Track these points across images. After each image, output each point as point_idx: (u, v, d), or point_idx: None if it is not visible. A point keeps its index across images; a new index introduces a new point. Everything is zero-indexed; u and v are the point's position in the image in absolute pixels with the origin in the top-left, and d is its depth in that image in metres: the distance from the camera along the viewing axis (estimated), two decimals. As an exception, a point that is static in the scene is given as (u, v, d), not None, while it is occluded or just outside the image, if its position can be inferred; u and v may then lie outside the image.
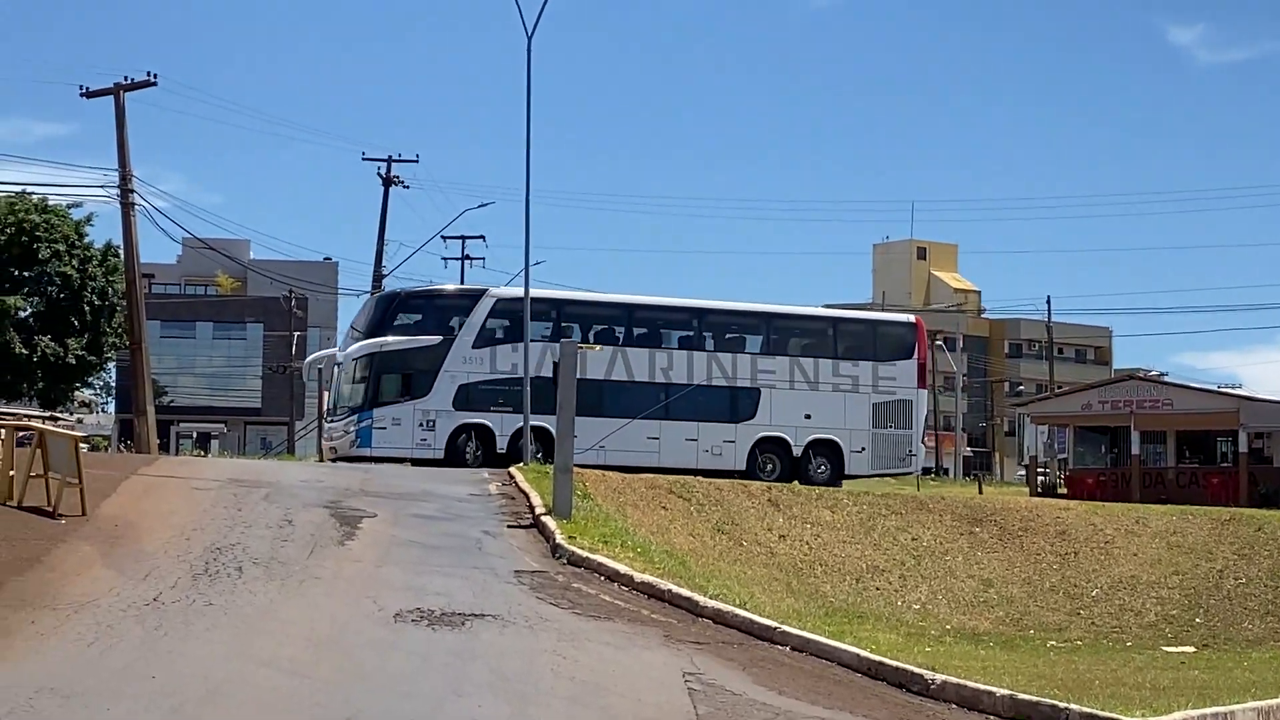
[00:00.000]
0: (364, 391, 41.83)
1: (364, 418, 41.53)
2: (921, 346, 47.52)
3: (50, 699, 12.42)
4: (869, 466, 45.71)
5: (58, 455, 21.71)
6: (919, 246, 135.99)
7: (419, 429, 41.71)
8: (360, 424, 41.52)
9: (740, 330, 46.45)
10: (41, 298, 60.96)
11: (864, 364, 45.96)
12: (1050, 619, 30.45)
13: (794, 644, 17.54)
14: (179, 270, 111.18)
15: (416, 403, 41.82)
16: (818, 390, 45.17)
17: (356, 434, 41.50)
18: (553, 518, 23.93)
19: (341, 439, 41.85)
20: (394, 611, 16.95)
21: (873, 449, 45.29)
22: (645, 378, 43.82)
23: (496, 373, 42.45)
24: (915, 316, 50.70)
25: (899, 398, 45.97)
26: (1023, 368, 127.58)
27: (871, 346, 47.05)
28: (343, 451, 41.76)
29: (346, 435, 41.62)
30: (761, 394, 44.62)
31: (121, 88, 49.63)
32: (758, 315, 46.94)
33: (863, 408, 45.32)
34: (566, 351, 26.01)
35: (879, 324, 49.52)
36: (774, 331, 46.42)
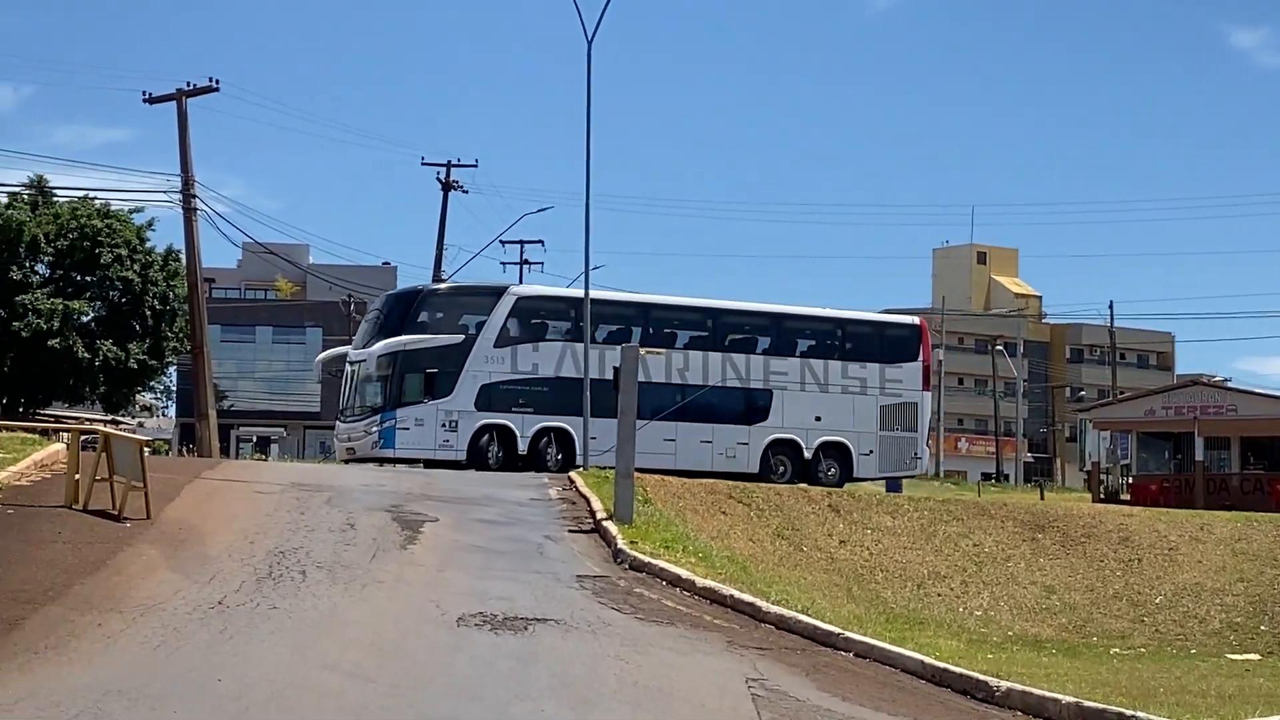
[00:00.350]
0: (386, 391, 40.95)
1: (387, 417, 40.70)
2: (925, 348, 47.48)
3: (118, 701, 12.49)
4: (876, 469, 45.81)
5: (123, 459, 21.82)
6: (979, 251, 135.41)
7: (441, 429, 40.99)
8: (383, 424, 40.68)
9: (752, 331, 46.10)
10: (104, 302, 61.23)
11: (871, 366, 45.84)
12: (1113, 626, 30.25)
13: (857, 650, 17.49)
14: (239, 275, 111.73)
15: (439, 403, 40.99)
16: (827, 392, 45.04)
17: (380, 434, 40.62)
18: (614, 523, 23.92)
19: (362, 439, 40.96)
20: (457, 615, 16.96)
21: (880, 451, 45.34)
22: (662, 378, 43.19)
23: (517, 372, 41.86)
24: (919, 318, 50.42)
25: (905, 400, 45.97)
26: (1084, 373, 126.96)
27: (878, 348, 46.82)
28: (363, 452, 41.00)
29: (368, 436, 40.74)
30: (774, 395, 44.41)
31: (184, 93, 49.99)
32: (769, 316, 46.61)
33: (870, 410, 45.30)
34: (628, 356, 26.03)
35: (885, 325, 49.16)
36: (785, 332, 46.13)
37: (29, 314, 57.18)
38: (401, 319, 41.80)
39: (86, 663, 13.82)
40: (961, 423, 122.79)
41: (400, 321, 41.67)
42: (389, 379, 40.86)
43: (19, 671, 13.39)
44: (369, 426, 40.70)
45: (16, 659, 13.79)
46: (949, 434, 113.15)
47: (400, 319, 41.83)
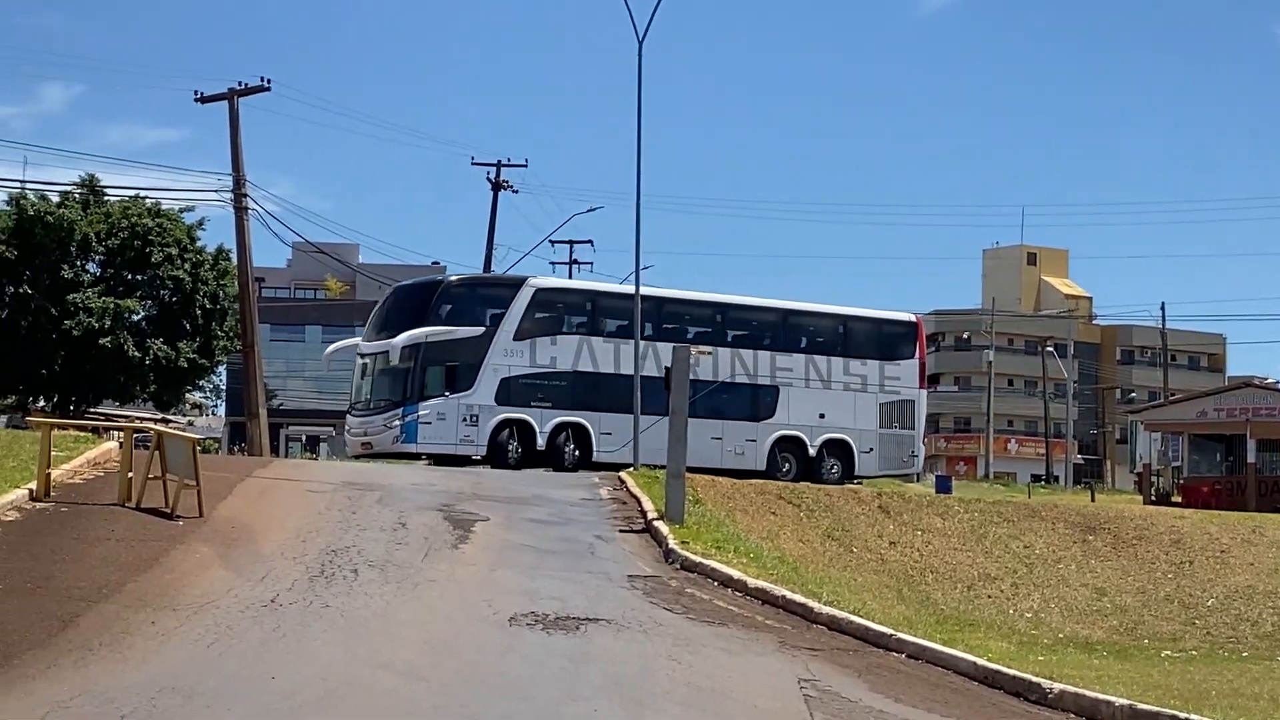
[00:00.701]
0: (408, 384, 40.03)
1: (409, 411, 39.74)
2: (921, 346, 47.39)
3: (172, 698, 12.53)
4: (876, 467, 45.55)
5: (176, 458, 21.91)
6: (1029, 252, 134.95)
7: (462, 424, 40.14)
8: (405, 418, 39.67)
9: (759, 326, 45.76)
10: (154, 301, 61.53)
11: (871, 363, 45.72)
12: (1164, 628, 30.10)
13: (909, 651, 17.44)
14: (289, 274, 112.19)
15: (460, 397, 40.20)
16: (830, 389, 44.91)
17: (401, 428, 39.66)
18: (665, 523, 23.90)
19: (381, 433, 39.98)
20: (509, 615, 16.97)
21: (879, 449, 45.25)
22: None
23: (536, 366, 41.25)
24: (915, 315, 49.96)
25: (903, 398, 45.94)
26: (1135, 374, 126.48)
27: (877, 345, 46.59)
28: (381, 446, 40.17)
29: (388, 430, 39.79)
30: (780, 392, 44.19)
31: (235, 93, 50.22)
32: (774, 311, 46.35)
33: (870, 407, 45.24)
34: (679, 356, 25.98)
35: (883, 322, 48.44)
36: (790, 328, 45.88)
37: (80, 313, 57.50)
38: (422, 311, 40.96)
39: (140, 660, 13.88)
40: (1011, 424, 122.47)
41: (421, 313, 40.86)
42: (410, 372, 40.05)
43: (74, 668, 13.45)
44: (388, 420, 39.92)
45: (71, 655, 13.85)
46: (998, 435, 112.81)
47: (421, 311, 41.01)
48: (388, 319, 41.81)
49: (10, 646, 14.00)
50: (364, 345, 42.10)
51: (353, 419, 41.87)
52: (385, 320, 41.89)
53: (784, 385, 44.32)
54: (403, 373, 40.11)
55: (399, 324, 40.72)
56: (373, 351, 41.33)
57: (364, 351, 41.93)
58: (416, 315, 40.81)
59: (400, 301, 42.81)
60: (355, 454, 41.64)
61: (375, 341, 41.28)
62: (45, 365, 59.12)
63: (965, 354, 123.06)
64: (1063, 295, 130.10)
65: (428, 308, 40.99)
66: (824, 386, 44.86)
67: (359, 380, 42.38)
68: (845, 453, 44.62)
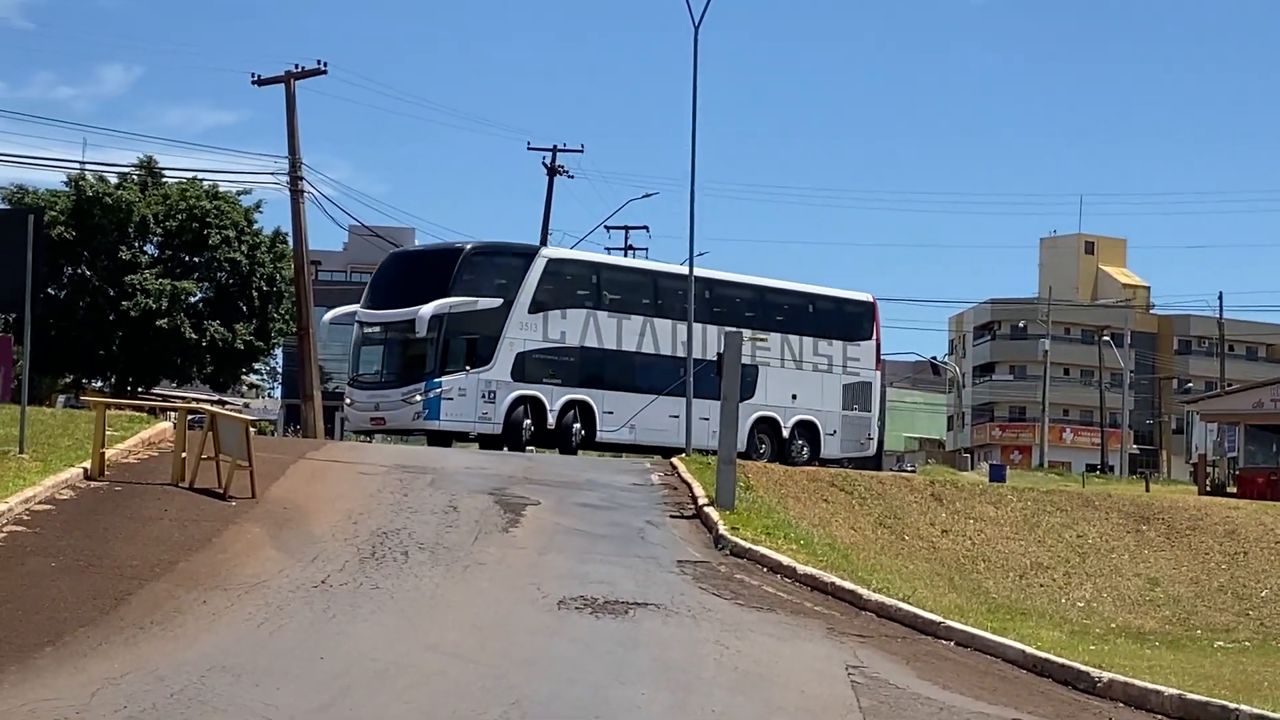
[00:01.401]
0: (432, 357, 38.27)
1: (432, 386, 38.06)
2: (877, 327, 46.96)
3: (221, 677, 12.62)
4: (839, 449, 44.80)
5: (229, 438, 22.02)
6: (1087, 241, 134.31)
7: (481, 401, 38.66)
8: (428, 393, 37.98)
9: (741, 304, 44.75)
10: (211, 283, 61.89)
11: (836, 343, 45.19)
12: (1218, 619, 29.93)
13: (958, 639, 17.42)
14: (345, 258, 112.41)
15: (480, 372, 38.75)
16: (800, 369, 44.35)
17: (424, 405, 37.97)
18: (715, 508, 23.89)
19: (399, 409, 38.34)
20: (557, 599, 17.02)
21: (841, 431, 44.66)
22: (669, 351, 41.97)
23: (548, 340, 40.15)
24: (870, 295, 48.88)
25: (862, 379, 45.68)
26: (1192, 365, 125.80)
27: (840, 325, 45.97)
28: (399, 423, 38.96)
29: (408, 405, 38.11)
30: (759, 372, 43.31)
31: (292, 76, 50.35)
32: (753, 289, 45.45)
33: (835, 389, 44.75)
34: (731, 342, 25.96)
35: (844, 301, 47.55)
36: (767, 306, 45.12)
37: (138, 294, 57.92)
38: (445, 279, 39.09)
39: (191, 638, 13.97)
40: (1067, 413, 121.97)
41: (444, 282, 38.97)
42: (434, 344, 38.36)
43: (125, 645, 13.55)
44: (408, 395, 38.21)
45: (123, 633, 13.97)
46: (1054, 425, 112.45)
47: (444, 279, 39.11)
48: (404, 287, 39.80)
49: (63, 624, 14.12)
50: (375, 314, 39.99)
51: (358, 392, 39.94)
52: (399, 288, 39.85)
53: (762, 365, 43.55)
54: (426, 344, 38.52)
55: (418, 293, 38.89)
56: (388, 321, 39.46)
57: (376, 320, 39.93)
58: (439, 284, 39.04)
59: (417, 269, 41.27)
60: (359, 429, 40.56)
61: (390, 310, 39.32)
62: (103, 346, 59.59)
63: (1021, 343, 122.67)
64: (1120, 284, 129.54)
65: (451, 276, 39.25)
66: (796, 367, 44.33)
67: (365, 351, 40.73)
68: (813, 434, 44.12)
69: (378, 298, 40.29)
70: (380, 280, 41.37)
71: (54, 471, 21.10)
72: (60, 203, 58.93)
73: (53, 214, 57.04)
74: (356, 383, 40.41)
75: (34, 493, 19.52)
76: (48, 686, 12.04)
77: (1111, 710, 15.09)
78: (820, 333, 45.09)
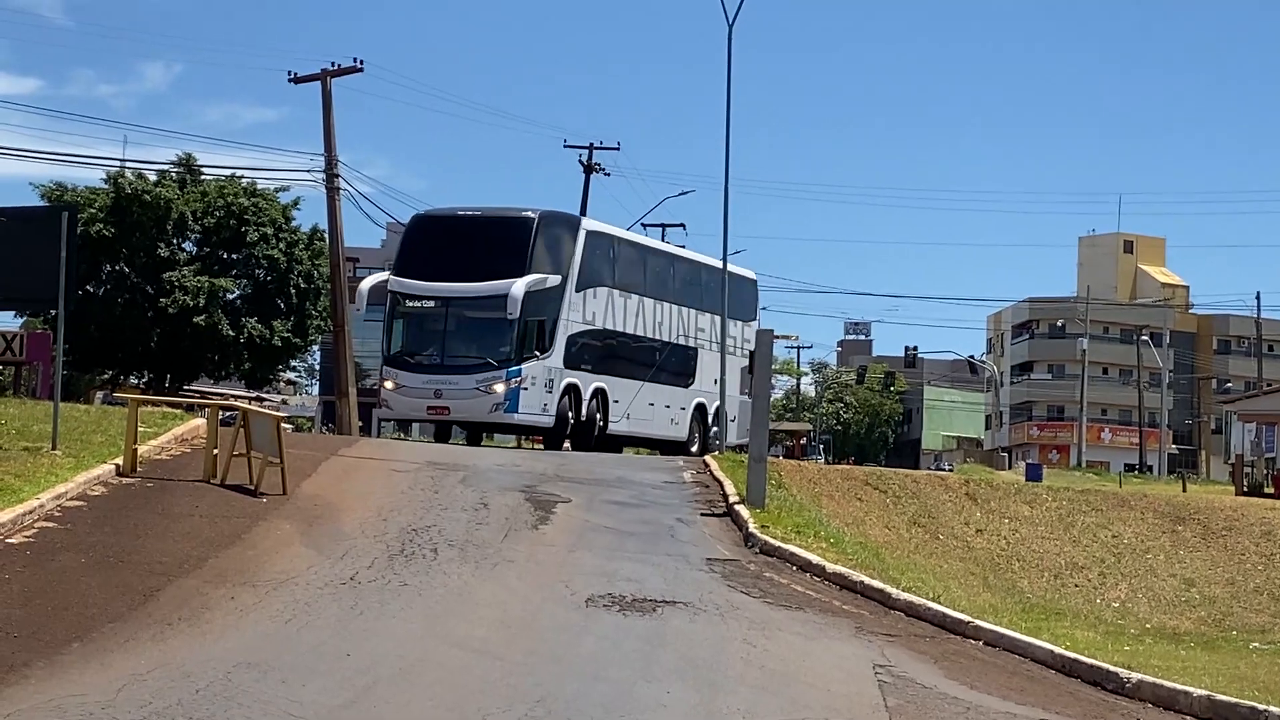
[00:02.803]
0: (514, 341, 34.73)
1: (513, 374, 34.66)
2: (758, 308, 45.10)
3: (248, 673, 12.64)
4: (736, 435, 41.02)
5: (260, 435, 22.06)
6: (1126, 240, 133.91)
7: (544, 391, 35.48)
8: (510, 382, 34.54)
9: (691, 282, 42.76)
10: (249, 280, 62.16)
11: (739, 323, 42.74)
12: (1254, 620, 29.80)
13: (987, 639, 17.35)
14: (382, 255, 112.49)
15: (545, 359, 35.52)
16: (714, 351, 41.57)
17: (506, 396, 34.55)
18: (746, 506, 23.83)
19: (474, 398, 34.71)
20: (585, 596, 17.00)
21: (739, 417, 40.57)
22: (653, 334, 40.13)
23: (585, 322, 37.25)
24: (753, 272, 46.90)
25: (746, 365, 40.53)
26: (1231, 364, 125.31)
27: (743, 304, 43.93)
28: (470, 414, 35.23)
29: (484, 396, 34.57)
30: (698, 355, 41.61)
31: (329, 74, 50.41)
32: (695, 266, 43.46)
33: (737, 371, 40.93)
34: (762, 340, 25.94)
35: (744, 280, 45.32)
36: (703, 285, 42.73)
37: (176, 290, 58.22)
38: (521, 251, 35.46)
39: (218, 635, 14.00)
40: (1105, 413, 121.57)
41: (523, 254, 35.37)
42: (517, 325, 34.75)
43: (153, 641, 13.59)
44: (486, 383, 34.68)
45: (151, 629, 14.00)
46: (1092, 424, 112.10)
47: (519, 251, 35.47)
48: (467, 256, 35.97)
49: (91, 619, 14.17)
50: (438, 287, 35.75)
51: (409, 375, 35.63)
52: (462, 257, 35.99)
53: (700, 346, 41.79)
54: (508, 326, 34.82)
55: (487, 264, 35.37)
56: (459, 296, 35.45)
57: (437, 294, 35.74)
58: (514, 256, 35.41)
59: (481, 236, 36.52)
60: (407, 418, 37.36)
61: (461, 284, 35.43)
62: (141, 342, 59.92)
63: (1060, 342, 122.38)
64: (1159, 284, 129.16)
65: (529, 248, 35.63)
66: (716, 348, 41.51)
67: (415, 326, 36.48)
68: (722, 420, 41.25)
69: (427, 266, 36.13)
70: (426, 245, 36.98)
71: (86, 468, 21.17)
72: (99, 200, 59.25)
73: (91, 211, 57.41)
74: (405, 363, 36.04)
75: (65, 489, 19.58)
76: (74, 683, 12.07)
77: (1140, 711, 15.03)
78: (734, 312, 41.94)
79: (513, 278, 34.71)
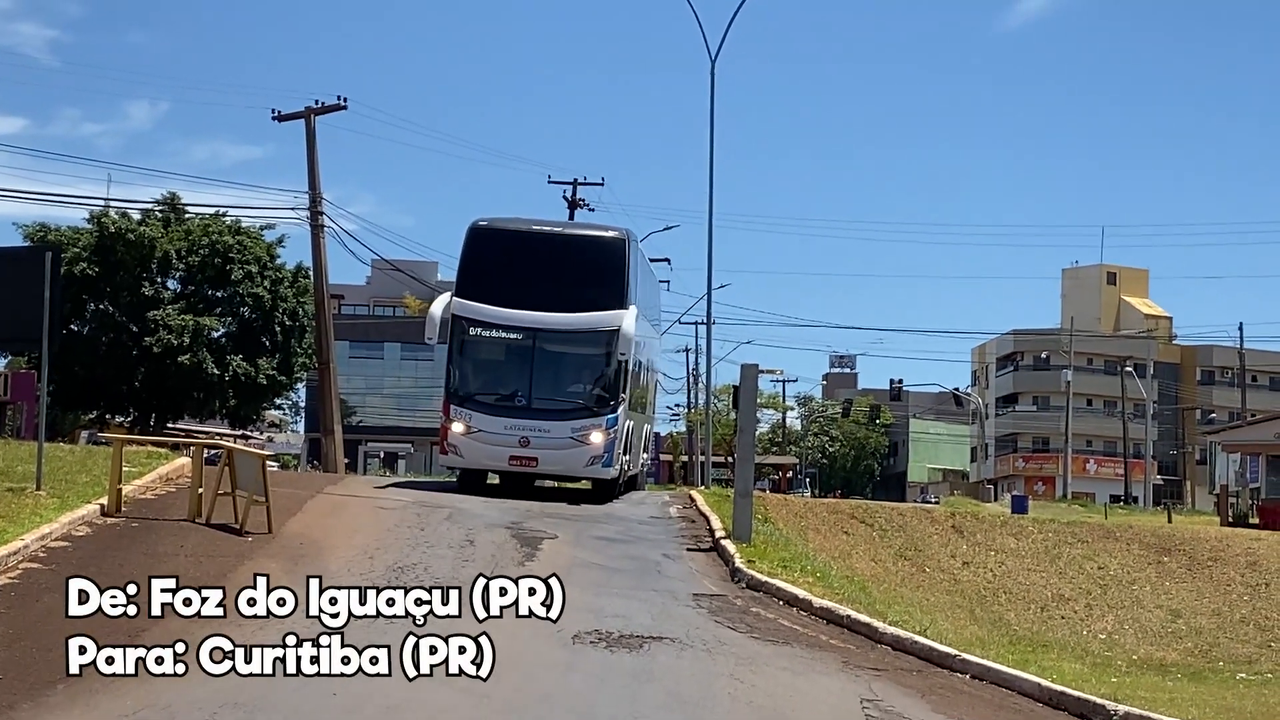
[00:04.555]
0: (617, 382, 30.13)
1: (611, 423, 30.00)
2: None
3: (233, 713, 12.63)
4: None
5: (245, 474, 22.02)
6: (1109, 271, 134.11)
7: (621, 440, 30.76)
8: (608, 432, 29.85)
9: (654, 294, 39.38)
10: (234, 318, 62.05)
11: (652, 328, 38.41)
12: (1240, 651, 29.84)
13: (974, 672, 17.34)
14: (368, 292, 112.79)
15: (625, 402, 30.84)
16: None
17: (605, 448, 29.82)
18: (732, 541, 23.84)
19: (569, 450, 29.70)
20: (572, 633, 16.95)
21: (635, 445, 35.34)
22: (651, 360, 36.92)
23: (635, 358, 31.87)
24: None
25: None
26: (1215, 395, 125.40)
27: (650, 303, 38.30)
28: (561, 467, 30.20)
29: (581, 447, 29.69)
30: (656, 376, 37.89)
31: (313, 111, 50.42)
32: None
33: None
34: (747, 375, 25.94)
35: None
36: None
37: (160, 329, 58.04)
38: (619, 278, 30.64)
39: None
40: (1090, 444, 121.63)
41: (619, 281, 30.61)
42: (614, 364, 30.10)
43: (138, 682, 13.51)
44: (582, 432, 29.76)
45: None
46: (1077, 455, 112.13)
47: (617, 278, 30.65)
48: (558, 280, 30.73)
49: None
50: (529, 317, 30.12)
51: (487, 419, 29.91)
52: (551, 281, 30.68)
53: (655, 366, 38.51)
54: (610, 364, 30.19)
55: (582, 291, 30.54)
56: (555, 328, 30.20)
57: (529, 325, 30.21)
58: (613, 284, 30.66)
59: (569, 258, 31.22)
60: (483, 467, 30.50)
61: (555, 315, 30.11)
62: (126, 381, 59.75)
63: (1044, 374, 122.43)
64: (1142, 315, 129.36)
65: (626, 274, 30.74)
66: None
67: (494, 357, 31.02)
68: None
69: (505, 288, 30.50)
70: (500, 264, 31.11)
71: (71, 508, 21.12)
72: (83, 239, 59.14)
73: (76, 251, 57.33)
74: (481, 404, 30.32)
75: (50, 529, 19.54)
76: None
77: (1127, 743, 15.04)
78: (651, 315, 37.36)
79: (610, 309, 30.21)
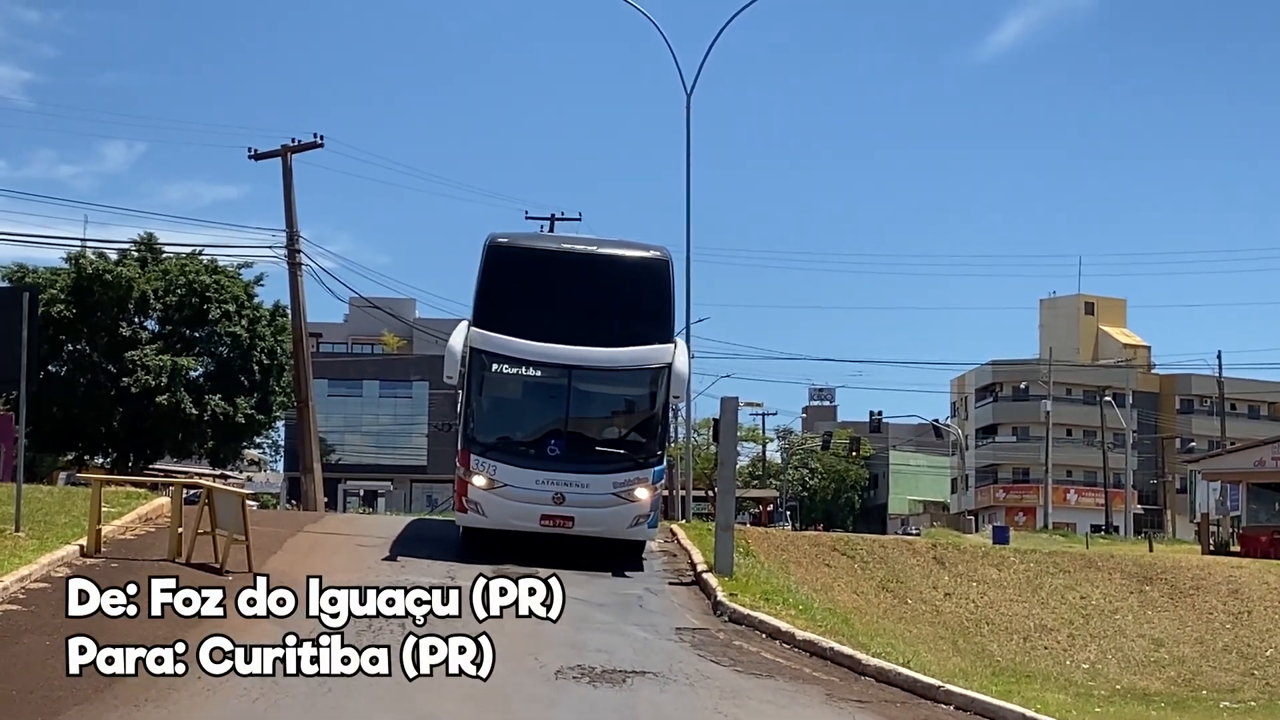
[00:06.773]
0: (660, 429, 26.28)
1: (659, 476, 26.10)
2: None
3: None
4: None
5: (225, 513, 21.96)
6: (1087, 301, 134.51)
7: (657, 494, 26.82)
8: (655, 487, 25.92)
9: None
10: (212, 358, 61.93)
11: None
12: (1223, 679, 29.84)
13: (958, 703, 17.33)
14: (346, 329, 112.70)
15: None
16: None
17: (651, 506, 25.80)
18: (714, 575, 23.82)
19: (612, 508, 25.40)
20: (555, 668, 16.94)
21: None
22: None
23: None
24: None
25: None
26: (1194, 424, 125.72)
27: None
28: (600, 527, 25.60)
29: (626, 505, 25.48)
30: None
31: (289, 149, 50.40)
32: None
33: None
34: (727, 408, 25.91)
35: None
36: None
37: (138, 370, 57.91)
38: (662, 308, 26.59)
39: (185, 715, 13.90)
40: (1070, 474, 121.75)
41: (662, 311, 26.61)
42: (658, 406, 26.21)
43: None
44: (626, 487, 25.51)
45: (117, 711, 13.91)
46: (1057, 486, 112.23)
47: (661, 308, 26.58)
48: (593, 308, 26.58)
49: (57, 701, 14.08)
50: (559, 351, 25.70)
51: (517, 471, 25.57)
52: (585, 309, 26.53)
53: None
54: (655, 408, 26.24)
55: (624, 323, 26.42)
56: (595, 366, 25.89)
57: (563, 362, 25.76)
58: (658, 313, 26.61)
59: (607, 284, 26.98)
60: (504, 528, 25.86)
61: (593, 349, 25.77)
62: (104, 422, 59.55)
63: (1023, 404, 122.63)
64: (1121, 345, 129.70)
65: (669, 303, 26.72)
66: None
67: (518, 404, 26.80)
68: None
69: (532, 318, 26.20)
70: (525, 288, 26.82)
71: (50, 549, 21.05)
72: (60, 280, 59.01)
73: (53, 292, 57.19)
74: (506, 453, 26.00)
75: (29, 571, 19.47)
76: (40, 766, 11.98)
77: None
78: None
79: (655, 342, 26.27)
